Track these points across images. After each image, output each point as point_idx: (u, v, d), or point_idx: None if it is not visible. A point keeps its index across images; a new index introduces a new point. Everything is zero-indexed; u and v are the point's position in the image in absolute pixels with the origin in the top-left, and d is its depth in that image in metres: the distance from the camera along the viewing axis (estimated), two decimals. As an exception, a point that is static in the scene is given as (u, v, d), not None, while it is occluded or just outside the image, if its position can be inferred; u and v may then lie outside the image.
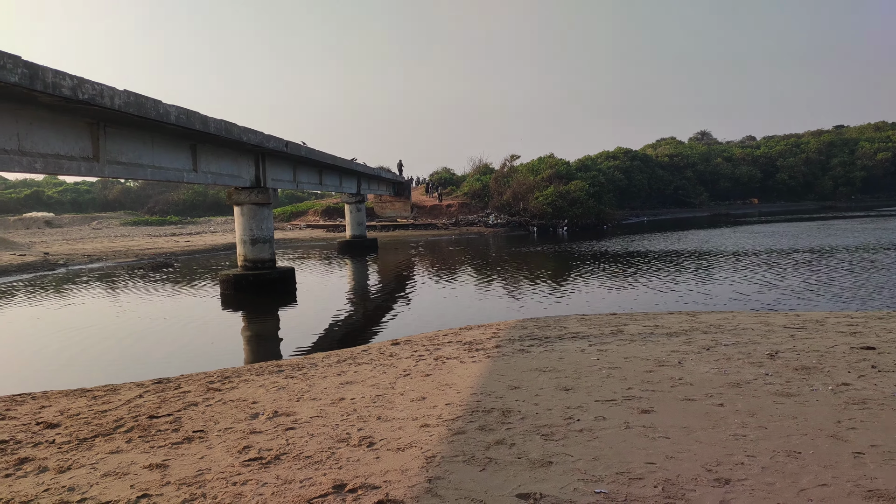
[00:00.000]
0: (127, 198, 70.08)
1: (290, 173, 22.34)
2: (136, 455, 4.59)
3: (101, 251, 33.57)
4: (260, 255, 18.37)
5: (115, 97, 10.02)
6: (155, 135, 13.02)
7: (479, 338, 8.97)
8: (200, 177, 15.33)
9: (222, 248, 35.33)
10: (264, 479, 4.05)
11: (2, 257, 29.78)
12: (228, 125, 14.59)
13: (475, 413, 5.27)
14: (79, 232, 50.54)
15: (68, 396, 6.63)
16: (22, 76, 8.03)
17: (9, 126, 9.14)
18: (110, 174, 11.90)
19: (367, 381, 6.67)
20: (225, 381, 6.94)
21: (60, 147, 10.26)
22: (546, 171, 51.57)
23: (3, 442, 5.00)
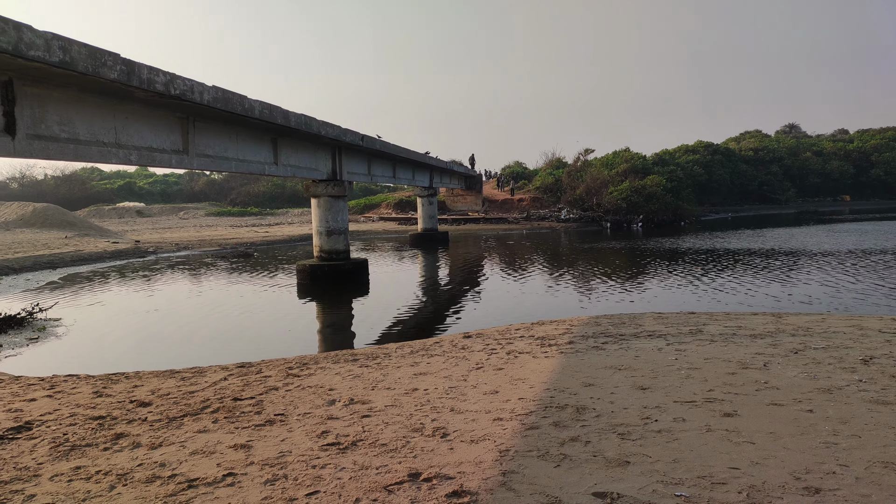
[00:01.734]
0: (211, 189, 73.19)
1: (364, 166, 22.75)
2: (222, 435, 4.80)
3: (187, 240, 35.25)
4: (335, 247, 18.81)
5: (203, 92, 10.47)
6: (239, 129, 13.53)
7: (551, 333, 8.88)
8: (280, 169, 15.83)
9: (298, 239, 36.41)
10: (342, 464, 4.15)
11: (98, 244, 31.77)
12: (308, 119, 14.98)
13: (549, 409, 5.22)
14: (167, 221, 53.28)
15: (159, 377, 7.00)
16: (120, 72, 8.51)
17: (107, 120, 9.71)
18: (198, 166, 12.46)
19: (439, 372, 6.72)
20: (303, 368, 7.15)
21: (153, 140, 10.82)
22: (621, 166, 50.41)
23: (101, 418, 5.33)
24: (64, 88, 8.66)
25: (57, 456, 4.41)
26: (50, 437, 4.84)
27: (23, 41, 6.89)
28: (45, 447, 4.59)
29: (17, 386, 6.67)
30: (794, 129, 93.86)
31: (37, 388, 6.55)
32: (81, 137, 9.22)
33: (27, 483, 3.94)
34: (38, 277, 21.85)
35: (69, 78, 8.16)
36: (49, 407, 5.72)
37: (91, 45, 7.98)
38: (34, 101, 8.33)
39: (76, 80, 8.34)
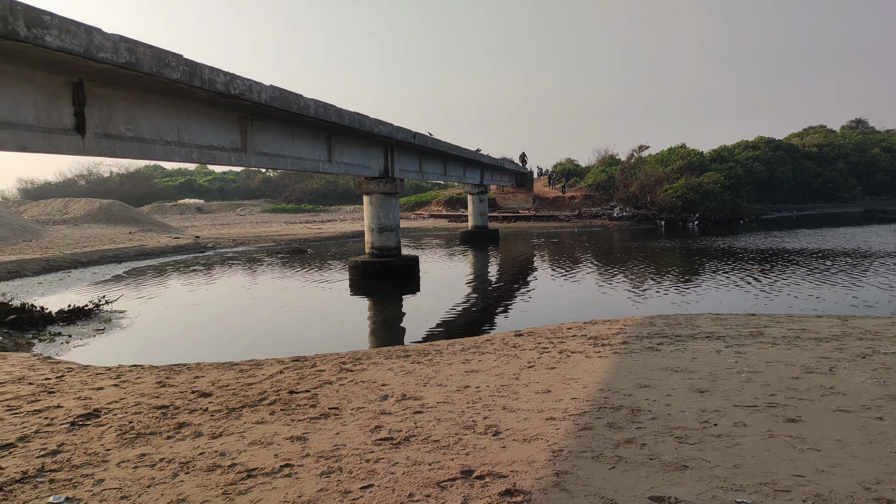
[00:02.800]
0: (267, 186, 74.92)
1: (416, 164, 22.88)
2: (279, 427, 4.91)
3: (243, 236, 36.21)
4: (386, 243, 18.99)
5: (262, 92, 10.71)
6: (295, 127, 13.79)
7: (604, 333, 8.75)
8: (334, 167, 16.07)
9: (351, 236, 36.92)
10: (395, 459, 4.19)
11: (160, 240, 32.96)
12: (361, 117, 15.16)
13: (602, 409, 5.14)
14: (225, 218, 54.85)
15: (218, 368, 7.21)
16: (183, 73, 8.78)
17: (170, 119, 10.04)
18: (255, 164, 12.76)
19: (491, 370, 6.71)
20: (356, 363, 7.25)
21: (213, 139, 11.13)
22: (677, 163, 49.22)
23: (164, 407, 5.53)
24: (130, 89, 8.99)
25: (123, 443, 4.59)
26: (117, 424, 5.04)
27: (93, 44, 7.18)
28: (112, 434, 4.79)
29: (86, 375, 6.98)
30: (861, 123, 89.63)
31: (104, 377, 6.84)
32: (146, 136, 9.56)
33: (96, 468, 4.11)
34: (105, 271, 22.82)
35: (135, 79, 8.47)
36: (116, 395, 5.97)
37: (155, 47, 8.26)
38: (102, 102, 8.68)
39: (141, 81, 8.65)
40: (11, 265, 21.96)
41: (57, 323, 12.42)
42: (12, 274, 21.02)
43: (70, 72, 7.90)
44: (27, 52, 6.80)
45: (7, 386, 6.33)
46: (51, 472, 4.02)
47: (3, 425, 5.00)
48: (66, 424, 5.04)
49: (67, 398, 5.88)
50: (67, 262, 24.00)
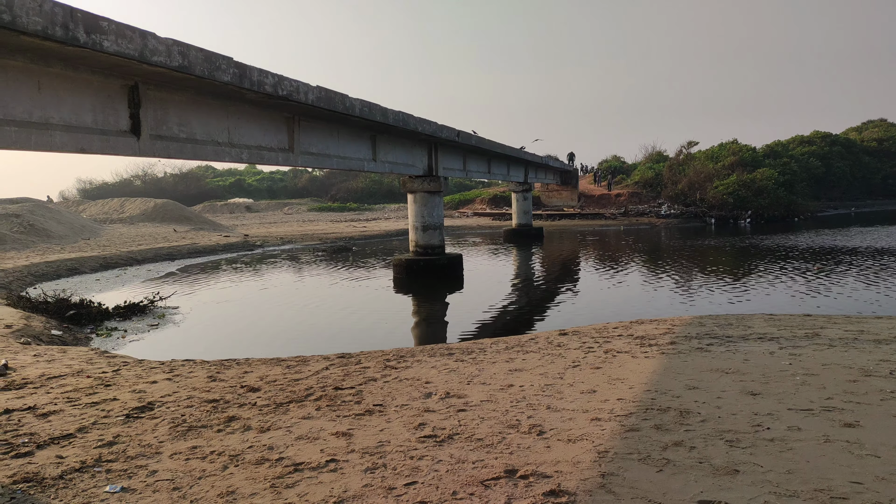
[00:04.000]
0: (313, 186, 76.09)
1: (460, 162, 22.88)
2: (325, 422, 4.98)
3: (290, 234, 36.86)
4: (430, 242, 19.06)
5: (308, 93, 10.87)
6: (340, 127, 13.96)
7: (651, 333, 8.58)
8: (379, 166, 16.20)
9: (395, 234, 37.18)
10: (439, 457, 4.20)
11: (211, 238, 33.84)
12: (405, 116, 15.24)
13: (650, 411, 5.05)
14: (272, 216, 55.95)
15: (266, 364, 7.36)
16: (233, 76, 8.98)
17: (221, 121, 10.29)
18: (302, 163, 12.97)
19: (535, 369, 6.66)
20: (400, 360, 7.30)
21: (262, 139, 11.36)
22: (728, 159, 47.91)
23: (215, 401, 5.67)
24: (182, 91, 9.24)
25: (175, 435, 4.73)
26: (169, 417, 5.20)
27: (147, 48, 7.41)
28: (165, 426, 4.94)
29: (141, 368, 7.21)
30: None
31: (158, 371, 7.06)
32: (198, 137, 9.81)
33: (150, 459, 4.25)
34: (159, 268, 23.56)
35: (187, 81, 8.71)
36: (168, 389, 6.15)
37: (207, 50, 8.47)
38: (156, 104, 8.95)
39: (193, 84, 8.89)
40: (71, 262, 22.88)
41: (113, 318, 12.88)
42: (72, 271, 21.90)
43: (126, 75, 8.17)
44: (86, 57, 7.07)
45: (67, 378, 6.60)
46: (107, 463, 4.17)
47: (63, 416, 5.21)
48: (121, 416, 5.22)
49: (123, 391, 6.09)
50: (124, 260, 24.87)
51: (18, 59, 6.77)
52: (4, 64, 6.67)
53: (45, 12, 6.07)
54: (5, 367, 6.94)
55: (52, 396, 5.85)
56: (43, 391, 6.05)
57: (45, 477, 3.90)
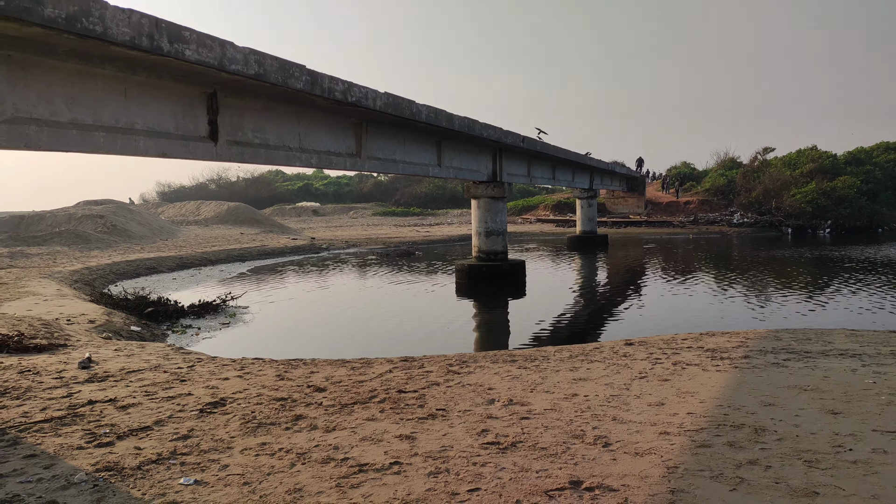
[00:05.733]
0: (378, 190, 77.26)
1: (524, 168, 22.76)
2: (388, 425, 5.03)
3: (355, 238, 37.53)
4: (493, 247, 19.01)
5: (376, 99, 11.05)
6: (406, 132, 14.13)
7: (723, 345, 8.27)
8: (443, 171, 16.30)
9: (458, 239, 37.30)
10: (502, 464, 4.16)
11: (279, 241, 34.84)
12: (470, 122, 15.29)
13: (722, 427, 4.86)
14: (338, 220, 57.13)
15: (332, 365, 7.50)
16: (305, 83, 9.23)
17: (293, 127, 10.59)
18: (369, 168, 13.19)
19: (600, 379, 6.53)
20: (463, 366, 7.29)
21: (331, 144, 11.62)
22: (806, 166, 45.81)
23: (283, 399, 5.82)
24: (257, 98, 9.56)
25: (246, 431, 4.88)
26: (240, 413, 5.36)
27: (226, 56, 7.70)
28: (236, 422, 5.10)
29: (214, 365, 7.48)
30: None
31: (229, 368, 7.31)
32: (271, 143, 10.13)
33: (222, 454, 4.39)
34: (231, 269, 24.43)
35: (262, 89, 9.00)
36: (239, 386, 6.35)
37: (281, 58, 8.74)
38: (233, 111, 9.30)
39: (267, 91, 9.18)
40: (150, 262, 24.01)
41: (188, 316, 13.42)
42: (151, 270, 22.98)
43: (205, 83, 8.52)
44: (169, 65, 7.41)
45: (145, 373, 6.91)
46: (182, 455, 4.33)
47: (141, 409, 5.45)
48: (195, 411, 5.42)
49: (197, 386, 6.33)
50: (198, 260, 25.92)
51: (108, 68, 7.16)
52: (95, 73, 7.07)
53: (133, 23, 6.40)
54: (89, 360, 7.33)
55: (131, 390, 6.14)
56: (123, 384, 6.35)
57: (125, 467, 4.09)
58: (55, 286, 16.22)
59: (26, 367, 6.94)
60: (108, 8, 6.09)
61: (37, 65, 6.46)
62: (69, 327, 10.56)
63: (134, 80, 7.63)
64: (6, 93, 6.19)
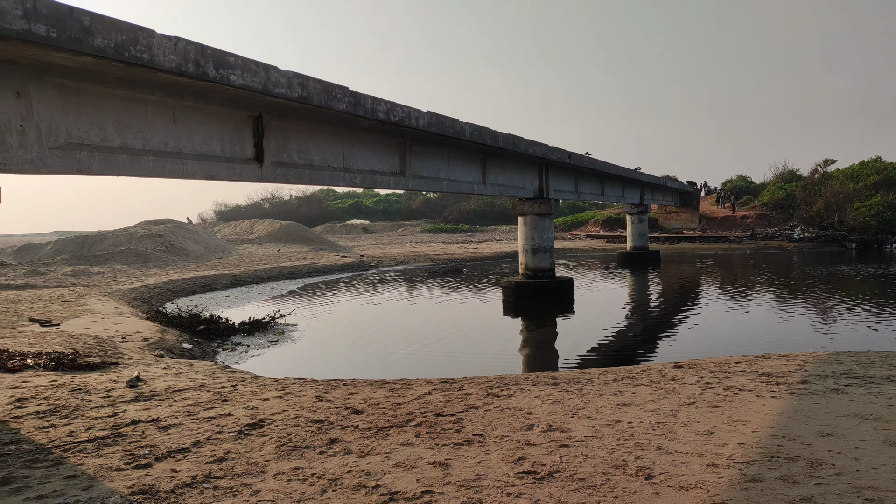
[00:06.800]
0: (426, 207, 77.80)
1: (571, 184, 22.47)
2: (423, 450, 4.93)
3: (403, 255, 37.74)
4: (540, 265, 18.77)
5: (419, 118, 11.09)
6: (451, 150, 14.13)
7: (779, 369, 7.87)
8: (489, 188, 16.22)
9: (505, 256, 37.07)
10: (537, 496, 4.01)
11: (329, 258, 35.34)
12: (515, 139, 15.19)
13: (775, 459, 4.58)
14: (387, 237, 57.67)
15: (371, 386, 7.46)
16: (348, 104, 9.32)
17: (337, 147, 10.72)
18: (413, 187, 13.23)
19: (645, 404, 6.28)
20: (503, 388, 7.15)
21: (375, 164, 11.71)
22: (870, 178, 43.85)
23: (320, 421, 5.80)
24: (301, 120, 9.71)
25: (281, 455, 4.86)
26: (277, 435, 5.36)
27: (270, 80, 7.85)
28: (272, 445, 5.10)
29: (256, 385, 7.54)
30: None
31: (271, 388, 7.35)
32: (315, 163, 10.26)
33: (255, 478, 4.38)
34: (281, 286, 24.86)
35: (305, 111, 9.14)
36: (279, 407, 6.37)
37: (324, 81, 8.86)
38: (278, 133, 9.46)
39: (311, 113, 9.31)
40: (205, 280, 24.66)
41: (238, 333, 13.66)
42: (205, 287, 23.60)
43: (250, 107, 8.70)
44: (215, 90, 7.59)
45: (190, 392, 7.02)
46: (216, 479, 4.34)
47: (181, 430, 5.52)
48: (233, 433, 5.45)
49: (238, 407, 6.38)
50: (251, 278, 26.49)
51: (156, 93, 7.39)
52: (144, 98, 7.30)
53: (179, 50, 6.59)
54: (137, 379, 7.50)
55: (174, 409, 6.23)
56: (167, 404, 6.46)
57: (159, 490, 4.12)
58: (113, 304, 16.80)
59: (77, 386, 7.15)
60: (154, 36, 6.28)
61: (88, 92, 6.70)
62: (123, 345, 10.87)
63: (182, 105, 7.84)
64: (60, 120, 6.44)
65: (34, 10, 5.22)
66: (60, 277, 23.36)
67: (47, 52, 5.65)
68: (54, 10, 5.38)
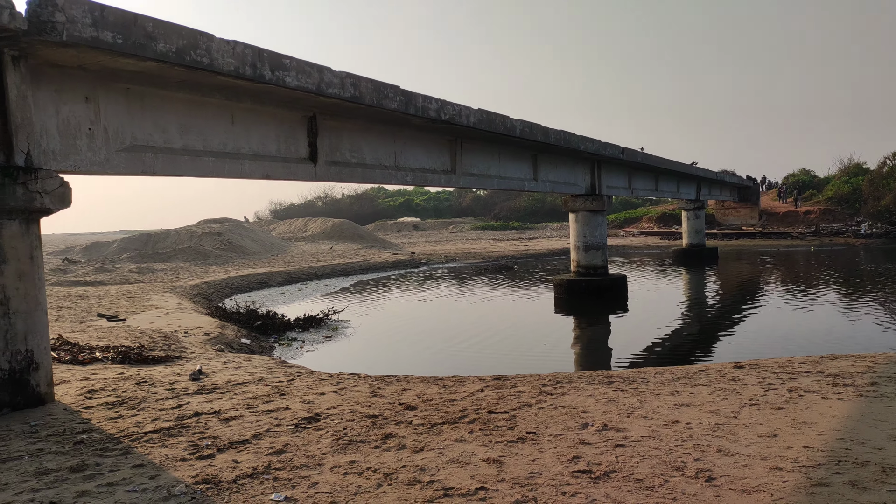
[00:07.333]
0: (477, 205, 77.71)
1: (624, 180, 22.07)
2: (476, 447, 4.93)
3: (454, 252, 37.84)
4: (592, 262, 18.51)
5: (470, 115, 11.09)
6: (501, 147, 14.07)
7: (847, 370, 7.55)
8: (540, 185, 16.10)
9: (557, 253, 36.72)
10: (593, 495, 3.96)
11: (380, 255, 35.74)
12: (567, 135, 15.01)
13: (843, 463, 4.40)
14: (438, 235, 57.90)
15: (424, 382, 7.51)
16: (399, 103, 9.40)
17: (388, 146, 10.82)
18: (463, 184, 13.25)
19: (704, 405, 6.12)
20: (556, 386, 7.08)
21: (425, 162, 11.77)
22: (945, 170, 41.55)
23: (374, 416, 5.87)
24: (354, 120, 9.84)
25: (337, 448, 4.94)
26: (333, 429, 5.46)
27: (323, 81, 7.98)
28: (328, 439, 5.19)
29: (312, 380, 7.69)
30: None
31: (326, 383, 7.49)
32: (367, 162, 10.39)
33: (312, 470, 4.47)
34: (334, 283, 25.28)
35: (358, 110, 9.26)
36: (334, 402, 6.48)
37: (376, 80, 8.96)
38: (331, 133, 9.62)
39: (363, 112, 9.43)
40: (262, 276, 25.30)
41: (294, 329, 13.96)
42: (262, 284, 24.20)
43: (304, 107, 8.87)
44: (271, 92, 7.77)
45: (249, 386, 7.21)
46: (275, 471, 4.44)
47: (241, 422, 5.67)
48: (291, 426, 5.57)
49: (295, 401, 6.52)
50: (305, 275, 27.03)
51: (216, 96, 7.61)
52: (204, 101, 7.53)
53: (236, 53, 6.77)
54: (200, 372, 7.76)
55: (234, 402, 6.41)
56: (227, 397, 6.65)
57: (222, 480, 4.25)
58: (176, 300, 17.41)
59: (143, 378, 7.44)
60: (213, 40, 6.47)
61: (152, 96, 6.96)
62: (185, 339, 11.26)
63: (239, 107, 8.06)
64: (125, 123, 6.71)
65: (102, 17, 5.45)
66: (126, 274, 24.35)
67: (114, 58, 5.89)
68: (120, 18, 5.61)
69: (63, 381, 7.16)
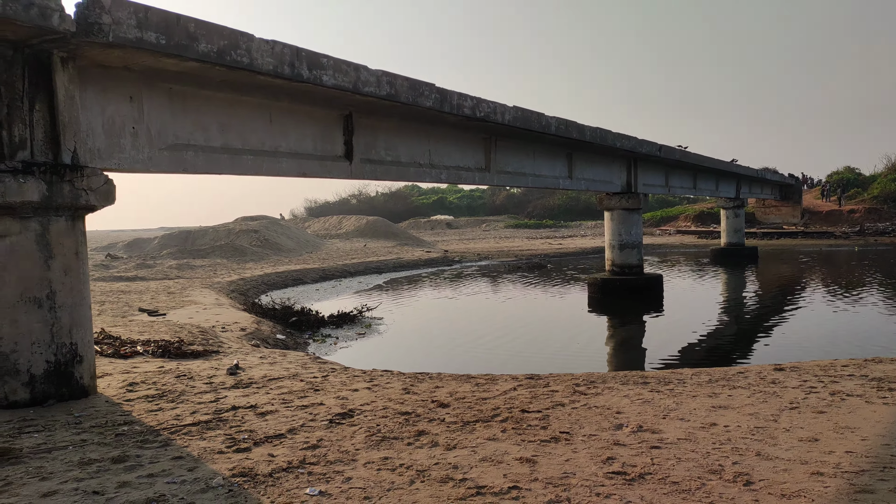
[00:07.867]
0: (510, 203, 77.44)
1: (661, 178, 21.74)
2: (509, 446, 4.92)
3: (487, 250, 37.78)
4: (627, 261, 18.29)
5: (505, 113, 11.05)
6: (535, 145, 14.00)
7: (892, 374, 7.32)
8: (574, 183, 15.96)
9: (591, 252, 36.37)
10: (627, 497, 3.92)
11: (414, 253, 35.88)
12: (603, 132, 14.86)
13: (888, 470, 4.27)
14: (471, 233, 57.87)
15: (456, 380, 7.52)
16: (434, 100, 9.42)
17: (423, 144, 10.85)
18: (498, 182, 13.22)
19: (743, 408, 6.00)
20: (590, 386, 7.02)
21: (460, 160, 11.78)
22: None
23: (407, 413, 5.90)
24: (389, 118, 9.90)
25: (370, 444, 4.99)
26: (366, 426, 5.51)
27: (360, 80, 8.04)
28: (361, 435, 5.24)
29: (346, 376, 7.77)
30: None
31: (360, 379, 7.55)
32: (402, 160, 10.44)
33: (346, 466, 4.51)
34: (368, 280, 25.48)
35: (393, 108, 9.31)
36: (367, 398, 6.54)
37: (411, 78, 8.99)
38: (367, 131, 9.69)
39: (398, 110, 9.48)
40: (297, 273, 25.64)
41: (328, 326, 14.12)
42: (297, 281, 24.53)
43: (341, 106, 8.95)
44: (309, 91, 7.86)
45: (284, 381, 7.32)
46: (310, 465, 4.50)
47: (277, 417, 5.76)
48: (325, 421, 5.64)
49: (329, 396, 6.59)
50: (339, 272, 27.30)
51: (255, 95, 7.74)
52: (243, 101, 7.66)
53: (275, 53, 6.86)
54: (237, 366, 7.90)
55: (270, 397, 6.52)
56: (263, 391, 6.76)
57: (258, 473, 4.32)
58: (214, 296, 17.76)
59: (182, 372, 7.61)
60: (253, 40, 6.57)
61: (194, 96, 7.11)
62: (223, 335, 11.47)
63: (277, 106, 8.18)
64: (168, 122, 6.87)
65: (146, 18, 5.59)
66: (166, 270, 24.93)
67: (157, 59, 6.03)
68: (163, 18, 5.74)
69: (105, 373, 7.37)
